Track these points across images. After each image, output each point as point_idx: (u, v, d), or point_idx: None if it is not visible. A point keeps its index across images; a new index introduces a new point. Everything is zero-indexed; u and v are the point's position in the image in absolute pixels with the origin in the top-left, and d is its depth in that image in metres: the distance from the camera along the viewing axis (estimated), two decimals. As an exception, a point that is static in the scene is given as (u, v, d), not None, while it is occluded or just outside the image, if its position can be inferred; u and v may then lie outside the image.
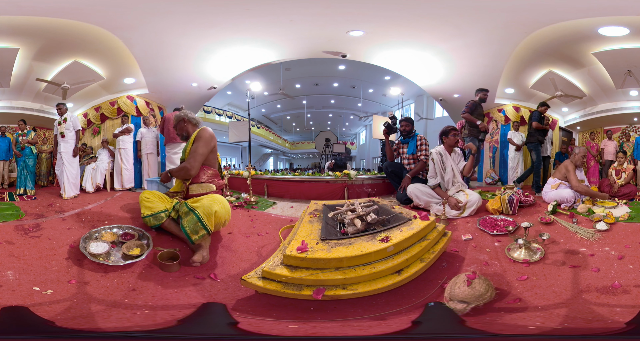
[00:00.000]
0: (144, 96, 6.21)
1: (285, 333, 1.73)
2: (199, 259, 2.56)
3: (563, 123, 6.45)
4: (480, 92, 5.18)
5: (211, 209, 2.67)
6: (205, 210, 2.66)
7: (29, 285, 2.10)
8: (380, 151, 10.04)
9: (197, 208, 2.68)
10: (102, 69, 5.46)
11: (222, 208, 2.77)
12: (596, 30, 4.36)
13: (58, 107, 4.91)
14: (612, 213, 3.27)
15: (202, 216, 2.64)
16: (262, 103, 12.64)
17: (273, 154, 15.94)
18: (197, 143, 3.02)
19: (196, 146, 3.01)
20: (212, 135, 3.12)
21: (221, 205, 2.77)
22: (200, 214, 2.64)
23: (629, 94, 5.47)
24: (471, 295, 1.92)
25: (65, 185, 4.69)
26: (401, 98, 10.91)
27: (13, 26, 4.24)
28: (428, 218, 2.60)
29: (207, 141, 3.03)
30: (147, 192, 2.97)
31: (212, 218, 2.67)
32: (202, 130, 3.09)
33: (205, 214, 2.65)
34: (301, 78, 11.06)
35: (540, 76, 5.65)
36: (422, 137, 4.64)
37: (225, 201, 2.88)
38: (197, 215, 2.64)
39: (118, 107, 6.01)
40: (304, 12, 4.36)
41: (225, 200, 2.90)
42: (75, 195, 4.72)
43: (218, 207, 2.72)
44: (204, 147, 3.01)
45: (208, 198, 2.81)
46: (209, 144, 3.05)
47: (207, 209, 2.67)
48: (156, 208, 2.85)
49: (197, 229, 2.63)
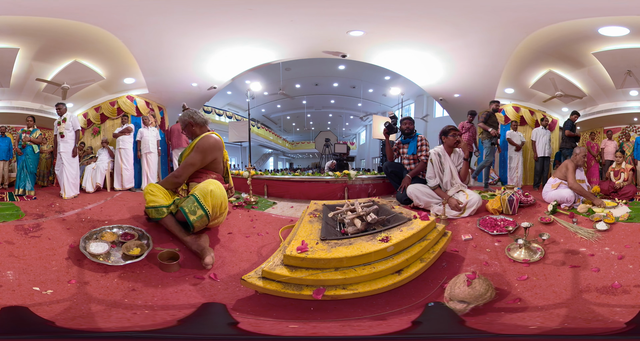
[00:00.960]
0: (144, 96, 6.21)
1: (285, 333, 1.73)
2: (210, 261, 2.54)
3: (563, 123, 6.45)
4: (494, 103, 5.63)
5: (207, 188, 2.74)
6: (201, 191, 2.74)
7: (29, 285, 2.10)
8: (380, 151, 10.03)
9: (194, 190, 2.77)
10: (102, 69, 5.46)
11: (218, 189, 2.81)
12: (596, 30, 4.36)
13: (57, 107, 4.89)
14: (612, 213, 3.27)
15: (199, 196, 2.71)
16: (262, 103, 12.64)
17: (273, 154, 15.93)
18: (192, 153, 3.05)
19: (190, 156, 3.04)
20: (213, 145, 3.10)
21: (216, 186, 2.81)
22: (197, 194, 2.72)
23: (629, 94, 5.47)
24: (471, 295, 1.92)
25: (65, 185, 4.68)
26: (401, 98, 10.90)
27: (13, 26, 4.24)
28: (428, 218, 2.60)
29: (204, 152, 3.04)
30: (152, 185, 2.99)
31: (208, 198, 2.72)
32: (203, 140, 3.08)
33: (201, 194, 2.72)
34: (301, 78, 11.05)
35: (540, 76, 5.65)
36: (423, 137, 4.64)
37: (220, 185, 2.90)
38: (194, 196, 2.73)
39: (118, 107, 6.01)
40: (304, 12, 4.36)
41: (220, 184, 2.92)
42: (75, 195, 4.72)
43: (213, 187, 2.77)
44: (198, 158, 3.02)
45: (204, 182, 2.85)
46: (205, 155, 3.05)
47: (203, 190, 2.74)
48: (159, 201, 2.87)
49: (194, 209, 2.70)
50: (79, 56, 5.12)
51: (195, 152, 3.04)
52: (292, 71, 10.07)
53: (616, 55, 4.78)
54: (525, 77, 5.73)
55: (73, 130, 4.84)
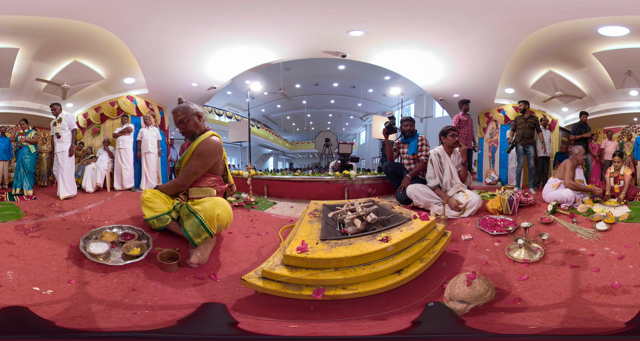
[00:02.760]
0: (144, 96, 6.21)
1: (285, 333, 1.73)
2: (196, 260, 2.53)
3: (563, 123, 6.45)
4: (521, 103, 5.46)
5: (213, 213, 2.63)
6: (207, 213, 2.62)
7: (29, 285, 2.10)
8: (380, 151, 10.03)
9: (198, 212, 2.64)
10: (102, 69, 5.45)
11: (224, 212, 2.73)
12: (596, 30, 4.36)
13: (52, 108, 4.82)
14: (612, 213, 3.27)
15: (205, 220, 2.61)
16: (262, 103, 12.65)
17: (273, 154, 15.95)
18: (195, 160, 2.86)
19: (192, 165, 2.86)
20: (215, 149, 2.92)
21: (223, 208, 2.73)
22: (202, 217, 2.61)
23: (629, 94, 5.47)
24: (471, 295, 1.92)
25: (60, 185, 4.61)
26: (401, 99, 10.91)
27: (13, 26, 4.24)
28: (428, 218, 2.60)
29: (206, 158, 2.87)
30: (148, 192, 2.91)
31: (214, 221, 2.63)
32: (204, 145, 2.87)
33: (207, 218, 2.61)
34: (301, 78, 11.06)
35: (540, 76, 5.65)
36: (423, 137, 4.64)
37: (227, 204, 2.83)
38: (199, 218, 2.61)
39: (118, 107, 6.01)
40: (304, 12, 4.36)
41: (226, 203, 2.85)
42: (71, 196, 4.61)
43: (220, 210, 2.67)
44: (201, 165, 2.87)
45: (210, 201, 2.74)
46: (207, 161, 2.89)
47: (209, 213, 2.62)
48: (159, 209, 2.83)
49: (199, 233, 2.61)
50: (79, 56, 5.12)
51: (196, 158, 2.85)
52: (292, 71, 10.09)
53: (616, 55, 4.77)
54: (525, 77, 5.73)
55: (69, 129, 4.78)
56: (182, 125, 2.92)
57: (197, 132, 2.95)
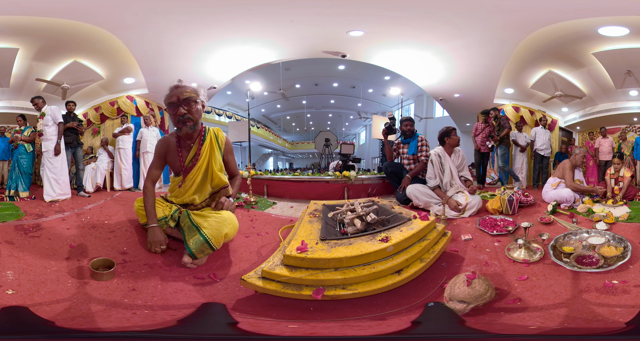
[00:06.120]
0: (144, 96, 6.21)
1: (285, 333, 1.73)
2: (188, 260, 2.46)
3: (563, 123, 6.46)
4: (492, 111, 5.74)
5: (220, 232, 2.46)
6: (213, 232, 2.44)
7: (29, 285, 2.10)
8: (380, 151, 10.03)
9: (203, 228, 2.45)
10: (102, 69, 5.46)
11: (232, 229, 2.60)
12: (596, 30, 4.36)
13: (34, 103, 4.29)
14: (612, 213, 3.27)
15: (210, 238, 2.44)
16: (262, 103, 12.64)
17: (273, 154, 15.93)
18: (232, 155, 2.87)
19: (233, 159, 2.89)
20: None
21: (231, 226, 2.56)
22: (208, 236, 2.43)
23: (629, 94, 5.48)
24: (471, 295, 1.92)
25: (45, 187, 4.20)
26: (401, 99, 10.92)
27: (13, 26, 4.24)
28: (428, 218, 2.60)
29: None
30: (139, 201, 2.79)
31: (221, 240, 2.49)
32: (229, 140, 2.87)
33: (213, 236, 2.44)
34: (301, 78, 11.06)
35: (540, 76, 5.66)
36: (423, 137, 4.64)
37: (234, 219, 2.65)
38: (204, 237, 2.44)
39: (118, 107, 6.01)
40: (304, 12, 4.37)
41: (234, 217, 2.67)
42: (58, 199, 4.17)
43: (228, 229, 2.52)
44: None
45: (216, 218, 2.54)
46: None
47: (215, 232, 2.45)
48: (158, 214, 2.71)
49: (203, 249, 2.45)
50: (78, 56, 5.12)
51: (232, 154, 2.88)
52: (292, 71, 10.08)
53: (616, 55, 4.78)
54: (525, 77, 5.74)
55: (54, 124, 4.26)
56: (186, 105, 2.54)
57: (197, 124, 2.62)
